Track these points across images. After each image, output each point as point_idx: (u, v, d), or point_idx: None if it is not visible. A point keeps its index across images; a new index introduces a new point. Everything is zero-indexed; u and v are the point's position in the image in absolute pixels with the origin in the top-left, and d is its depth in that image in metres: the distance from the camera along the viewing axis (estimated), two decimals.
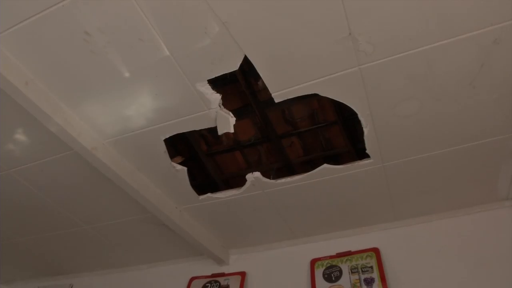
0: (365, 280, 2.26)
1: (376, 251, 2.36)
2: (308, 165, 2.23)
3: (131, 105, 1.75)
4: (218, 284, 2.64)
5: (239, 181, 2.30)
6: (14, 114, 1.82)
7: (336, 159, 2.24)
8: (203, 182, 2.42)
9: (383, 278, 2.22)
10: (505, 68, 1.54)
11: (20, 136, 1.94)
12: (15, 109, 1.71)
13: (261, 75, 1.59)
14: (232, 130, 1.77)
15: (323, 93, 1.66)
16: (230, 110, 1.90)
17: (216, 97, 1.71)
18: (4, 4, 1.40)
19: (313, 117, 2.21)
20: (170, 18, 1.41)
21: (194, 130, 1.91)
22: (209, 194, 2.30)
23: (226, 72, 1.59)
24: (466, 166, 2.01)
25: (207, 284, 2.67)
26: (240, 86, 1.91)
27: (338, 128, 2.21)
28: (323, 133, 2.29)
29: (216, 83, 1.69)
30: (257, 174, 2.16)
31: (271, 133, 2.23)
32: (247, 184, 2.19)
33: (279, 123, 2.21)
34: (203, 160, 2.35)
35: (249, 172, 2.22)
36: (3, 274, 3.51)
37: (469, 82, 1.59)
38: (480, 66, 1.53)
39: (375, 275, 2.26)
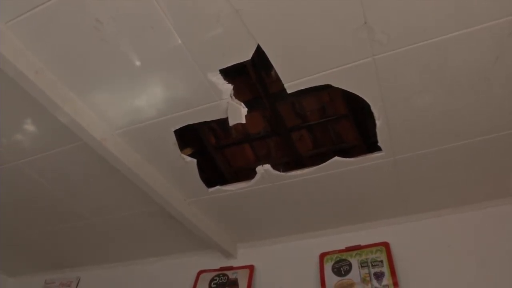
0: (375, 274, 2.25)
1: (386, 245, 2.35)
2: (318, 159, 2.21)
3: (141, 95, 1.73)
4: (226, 277, 2.64)
5: (248, 175, 2.28)
6: (23, 104, 1.81)
7: (346, 153, 2.21)
8: (211, 175, 2.41)
9: (393, 272, 2.21)
10: None
11: (28, 126, 1.93)
12: (23, 99, 1.69)
13: (274, 65, 1.57)
14: (244, 121, 1.76)
15: (336, 84, 1.64)
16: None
17: (228, 87, 1.69)
18: None
19: (324, 110, 2.19)
20: (183, 6, 1.39)
21: (204, 123, 1.89)
22: (218, 187, 2.29)
23: (239, 62, 1.57)
24: (478, 160, 1.99)
25: (215, 278, 2.67)
26: (250, 78, 1.89)
27: (348, 122, 2.19)
28: (333, 126, 2.27)
29: (227, 73, 1.67)
30: (267, 166, 2.15)
31: (280, 126, 2.21)
32: (257, 176, 2.18)
33: (289, 116, 2.19)
34: (212, 153, 2.34)
35: (259, 165, 2.20)
36: (11, 266, 3.53)
37: (484, 75, 1.57)
38: (495, 58, 1.51)
39: (385, 269, 2.24)
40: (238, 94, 1.86)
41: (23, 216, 2.70)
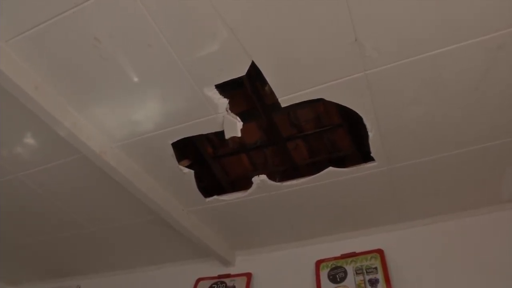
0: (369, 281, 2.28)
1: (380, 252, 2.38)
2: (313, 168, 2.25)
3: (139, 109, 1.77)
4: (224, 285, 2.66)
5: (245, 184, 2.31)
6: (23, 118, 1.83)
7: (341, 162, 2.25)
8: (209, 185, 2.44)
9: (387, 279, 2.24)
10: (510, 73, 1.55)
11: (28, 140, 1.96)
12: (23, 113, 1.71)
13: (268, 80, 1.61)
14: (239, 135, 1.79)
15: (328, 98, 1.68)
16: (236, 113, 1.91)
17: (224, 101, 1.73)
18: (14, 10, 1.42)
19: (319, 120, 2.23)
20: (179, 25, 1.43)
21: (201, 134, 1.93)
22: (215, 197, 2.33)
23: (234, 77, 1.61)
24: (471, 168, 2.02)
25: (213, 285, 2.69)
26: (246, 90, 1.93)
27: (343, 131, 2.23)
28: (328, 136, 2.31)
29: (223, 88, 1.71)
30: (263, 177, 2.18)
31: (276, 136, 2.25)
32: (253, 186, 2.21)
33: (284, 126, 2.23)
34: (209, 163, 2.38)
35: (255, 175, 2.24)
36: (11, 275, 3.54)
37: (475, 86, 1.61)
38: (485, 70, 1.55)
39: (380, 276, 2.27)
40: (234, 105, 1.90)
41: (23, 225, 2.72)
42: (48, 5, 1.39)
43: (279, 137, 2.26)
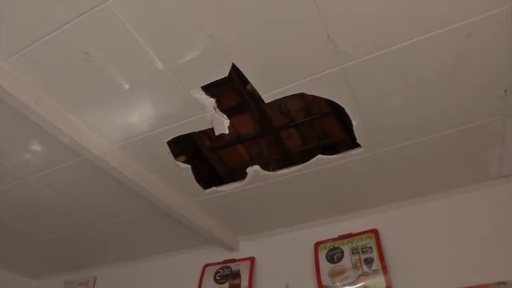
0: (365, 260, 2.40)
1: (375, 232, 2.49)
2: (307, 154, 2.34)
3: (133, 113, 1.89)
4: (229, 269, 2.81)
5: (243, 174, 2.41)
6: (28, 127, 1.94)
7: (334, 148, 2.34)
8: (209, 176, 2.56)
9: (381, 257, 2.35)
10: (481, 59, 1.61)
11: (35, 146, 2.10)
12: (28, 123, 1.84)
13: (249, 79, 1.71)
14: (227, 131, 1.90)
15: (309, 92, 1.77)
16: (229, 107, 2.04)
17: (210, 101, 1.83)
18: (10, 32, 1.53)
19: (308, 109, 2.31)
20: (161, 36, 1.53)
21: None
22: (214, 188, 2.45)
23: (217, 78, 1.71)
24: (455, 149, 2.10)
25: (219, 270, 2.85)
26: (236, 84, 2.02)
27: (332, 118, 2.30)
28: (319, 123, 2.39)
29: (214, 84, 1.78)
30: (256, 167, 2.29)
31: (269, 126, 2.34)
32: (248, 177, 2.33)
33: (276, 117, 2.31)
34: (207, 155, 2.49)
35: (252, 165, 2.34)
36: (32, 269, 3.74)
37: (448, 73, 1.68)
38: (456, 58, 1.61)
39: (374, 254, 2.39)
40: (226, 99, 2.02)
41: (40, 223, 2.89)
42: (39, 25, 1.50)
43: (272, 127, 2.35)
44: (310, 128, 2.43)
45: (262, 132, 2.42)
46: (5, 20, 1.49)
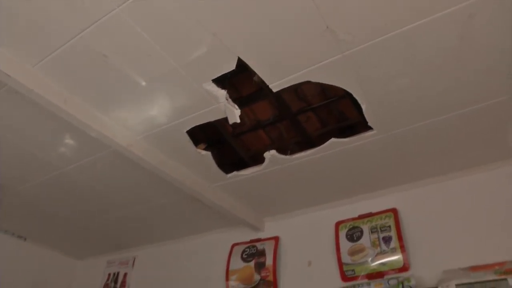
0: (383, 238, 2.45)
1: (394, 211, 2.53)
2: (328, 137, 2.39)
3: (152, 107, 2.03)
4: (255, 248, 2.96)
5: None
6: (61, 124, 2.11)
7: (353, 129, 2.39)
8: (233, 161, 2.69)
9: (399, 236, 2.40)
10: (486, 38, 1.60)
11: (68, 140, 2.32)
12: (61, 120, 2.02)
13: (256, 71, 1.79)
14: (238, 121, 2.00)
15: (315, 79, 1.83)
16: (248, 95, 2.15)
17: (222, 92, 1.93)
18: (34, 41, 1.70)
19: (324, 93, 2.36)
20: (169, 36, 1.64)
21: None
22: (235, 172, 2.58)
23: (225, 72, 1.81)
24: (471, 128, 2.09)
25: (246, 249, 3.01)
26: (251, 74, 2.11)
27: (348, 101, 2.34)
28: (336, 106, 2.44)
29: (229, 75, 1.87)
30: (273, 152, 2.39)
31: (287, 111, 2.41)
32: (266, 161, 2.44)
33: (293, 101, 2.38)
34: (229, 141, 2.61)
35: (273, 148, 2.44)
36: (79, 251, 4.09)
37: (453, 55, 1.68)
38: (460, 39, 1.61)
39: (393, 233, 2.44)
40: (244, 87, 2.13)
41: (80, 209, 3.16)
42: (60, 34, 1.66)
43: (290, 112, 2.42)
44: (328, 111, 2.47)
45: (281, 117, 2.49)
46: (32, 33, 1.66)
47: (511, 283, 1.85)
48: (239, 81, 2.10)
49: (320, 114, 2.50)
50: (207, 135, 2.56)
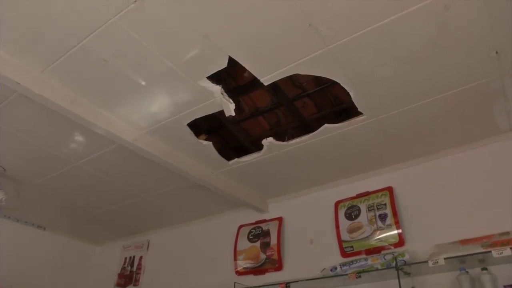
0: (379, 216, 2.59)
1: (389, 189, 2.66)
2: (323, 121, 2.50)
3: (154, 104, 2.17)
4: (260, 229, 3.13)
5: None
6: (70, 122, 2.24)
7: (348, 113, 2.49)
8: (236, 147, 2.82)
9: (395, 213, 2.53)
10: (463, 26, 1.68)
11: (78, 137, 2.48)
12: (69, 120, 2.19)
13: (246, 67, 1.90)
14: (233, 114, 2.12)
15: (303, 72, 1.94)
16: (244, 84, 2.27)
17: (217, 88, 2.05)
18: (40, 49, 1.84)
19: (317, 79, 2.46)
20: (162, 40, 1.76)
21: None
22: (236, 159, 2.72)
23: (218, 69, 1.92)
24: (459, 109, 2.18)
25: (252, 230, 3.18)
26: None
27: (340, 86, 2.44)
28: (330, 91, 2.53)
29: (230, 65, 1.94)
30: (270, 139, 2.52)
31: (283, 98, 2.52)
32: (264, 148, 2.57)
33: (289, 88, 2.48)
34: (230, 128, 2.74)
35: (273, 134, 2.57)
36: (97, 237, 4.32)
37: (432, 43, 1.76)
38: (438, 29, 1.69)
39: (388, 210, 2.57)
40: (240, 78, 2.24)
41: (95, 199, 3.35)
42: (63, 42, 1.79)
43: (286, 98, 2.53)
44: (323, 96, 2.57)
45: (278, 103, 2.60)
46: (39, 42, 1.79)
47: (494, 255, 1.93)
48: (236, 72, 2.21)
49: (315, 100, 2.60)
50: (208, 123, 2.69)
